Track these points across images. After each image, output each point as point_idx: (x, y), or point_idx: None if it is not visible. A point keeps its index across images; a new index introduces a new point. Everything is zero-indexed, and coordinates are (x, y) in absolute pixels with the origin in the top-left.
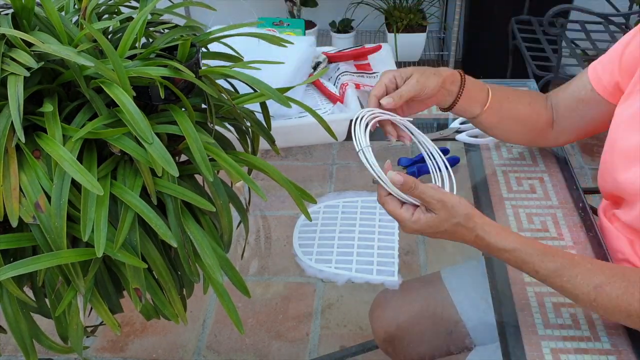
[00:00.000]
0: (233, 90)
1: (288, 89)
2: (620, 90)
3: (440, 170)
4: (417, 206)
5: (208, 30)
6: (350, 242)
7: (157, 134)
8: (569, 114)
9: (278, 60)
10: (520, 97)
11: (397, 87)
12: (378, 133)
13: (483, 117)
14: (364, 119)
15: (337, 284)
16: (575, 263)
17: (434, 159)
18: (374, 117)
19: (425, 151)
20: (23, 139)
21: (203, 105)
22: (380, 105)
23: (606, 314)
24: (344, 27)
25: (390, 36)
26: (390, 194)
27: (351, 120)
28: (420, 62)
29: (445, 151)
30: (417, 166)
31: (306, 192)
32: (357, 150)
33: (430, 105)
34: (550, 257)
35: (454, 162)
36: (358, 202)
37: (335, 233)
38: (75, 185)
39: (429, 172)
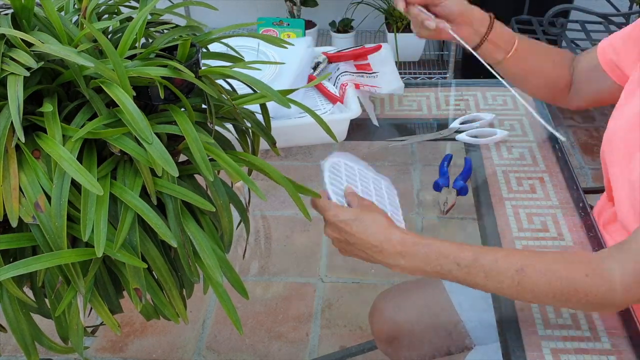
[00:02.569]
0: (233, 90)
1: (289, 91)
2: (618, 69)
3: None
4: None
5: (208, 30)
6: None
7: (157, 134)
8: (584, 82)
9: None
10: (547, 54)
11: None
12: (381, 134)
13: (506, 64)
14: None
15: None
16: (491, 250)
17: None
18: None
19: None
20: (23, 139)
21: (203, 105)
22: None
23: (533, 298)
24: (344, 27)
25: (390, 36)
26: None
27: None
28: (420, 62)
29: (448, 157)
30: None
31: (306, 187)
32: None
33: (459, 36)
34: (467, 247)
35: (464, 191)
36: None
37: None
38: (75, 185)
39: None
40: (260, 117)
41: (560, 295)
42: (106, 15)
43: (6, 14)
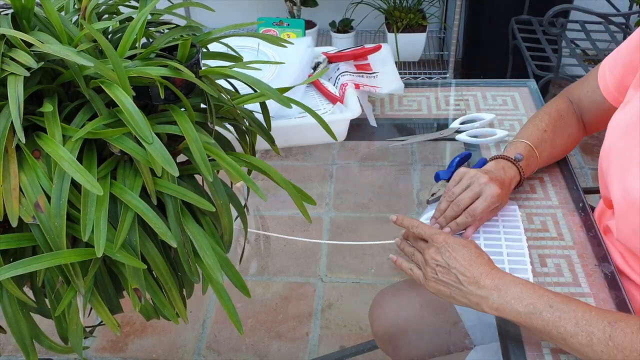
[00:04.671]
0: (233, 90)
1: (288, 89)
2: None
3: None
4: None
5: (208, 30)
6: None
7: (157, 134)
8: (592, 115)
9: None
10: (562, 134)
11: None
12: (380, 134)
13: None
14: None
15: None
16: (584, 303)
17: None
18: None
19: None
20: (23, 139)
21: (203, 105)
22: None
23: (622, 354)
24: (344, 27)
25: (390, 36)
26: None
27: None
28: (420, 62)
29: (468, 155)
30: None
31: (305, 193)
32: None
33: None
34: (559, 293)
35: (466, 157)
36: None
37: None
38: (75, 185)
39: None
40: (260, 116)
41: None
42: (106, 15)
43: (6, 14)
